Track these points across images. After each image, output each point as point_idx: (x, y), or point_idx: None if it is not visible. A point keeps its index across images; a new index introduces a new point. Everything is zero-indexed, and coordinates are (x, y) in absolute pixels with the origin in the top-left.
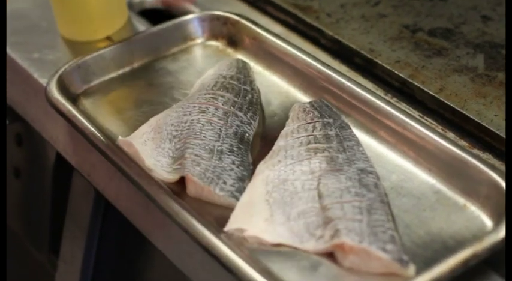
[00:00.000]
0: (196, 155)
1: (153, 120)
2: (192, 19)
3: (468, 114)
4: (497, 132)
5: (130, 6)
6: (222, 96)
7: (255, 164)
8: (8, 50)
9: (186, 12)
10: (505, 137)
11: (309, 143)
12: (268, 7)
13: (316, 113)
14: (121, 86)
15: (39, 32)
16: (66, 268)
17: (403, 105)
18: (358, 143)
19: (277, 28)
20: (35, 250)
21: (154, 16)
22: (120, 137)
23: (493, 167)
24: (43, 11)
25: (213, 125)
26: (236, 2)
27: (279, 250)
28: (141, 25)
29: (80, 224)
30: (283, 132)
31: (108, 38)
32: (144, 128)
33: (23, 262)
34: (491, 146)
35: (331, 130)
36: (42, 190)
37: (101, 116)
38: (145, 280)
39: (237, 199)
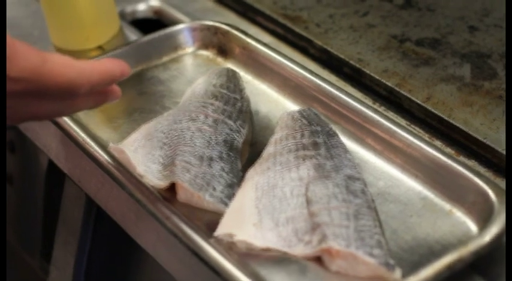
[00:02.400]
0: (187, 162)
1: (144, 128)
2: (182, 29)
3: (454, 123)
4: (483, 141)
5: (122, 15)
6: (212, 105)
7: (244, 171)
8: None
9: (177, 22)
10: (491, 145)
11: (298, 150)
12: (258, 17)
13: (304, 120)
14: None
15: (31, 40)
16: (58, 273)
17: (391, 114)
18: (345, 150)
19: (267, 38)
20: (27, 255)
21: (146, 26)
22: (111, 144)
23: (478, 174)
24: (35, 20)
25: (203, 132)
26: (226, 12)
27: (267, 255)
28: (133, 34)
29: (72, 230)
30: (272, 139)
31: (100, 47)
32: (135, 136)
33: (15, 267)
34: (477, 153)
35: (319, 138)
36: (34, 196)
37: (93, 123)
38: None
39: (227, 205)
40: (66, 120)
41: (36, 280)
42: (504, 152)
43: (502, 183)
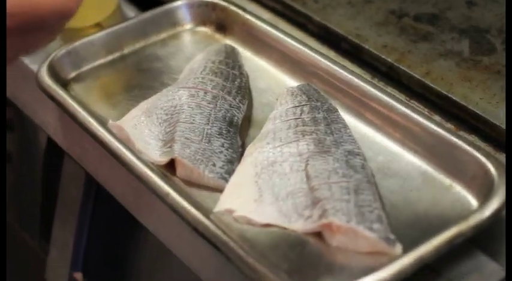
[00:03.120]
0: (186, 138)
1: (143, 105)
2: (180, 5)
3: (454, 98)
4: (483, 115)
5: None
6: (211, 81)
7: (244, 146)
8: None
9: None
10: (490, 119)
11: (297, 126)
12: None
13: (304, 96)
14: (111, 72)
15: None
16: (57, 252)
17: (390, 89)
18: (345, 125)
19: (265, 14)
20: (26, 235)
21: (143, 2)
22: (110, 121)
23: (478, 148)
24: None
25: (202, 108)
26: None
27: (267, 230)
28: (131, 11)
29: (71, 208)
30: (271, 115)
31: (98, 25)
32: (134, 112)
33: (14, 247)
34: (476, 128)
35: (318, 113)
36: (33, 174)
37: (92, 100)
38: (136, 263)
39: (227, 180)
40: (65, 97)
41: (35, 259)
42: (503, 127)
43: (502, 157)
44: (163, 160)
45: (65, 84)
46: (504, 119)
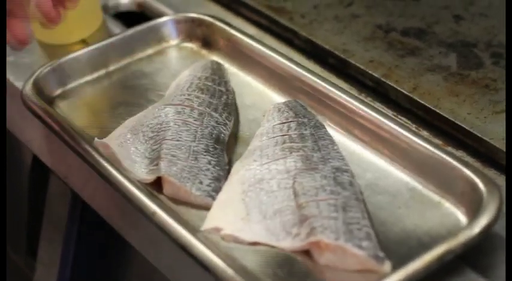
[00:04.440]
0: (173, 155)
1: (128, 122)
2: (166, 21)
3: (441, 113)
4: (471, 130)
5: (105, 8)
6: (197, 97)
7: (231, 164)
8: None
9: (161, 15)
10: (478, 134)
11: (284, 142)
12: (242, 9)
13: (291, 112)
14: (97, 89)
15: None
16: (43, 270)
17: (377, 105)
18: (332, 142)
19: (251, 30)
20: (12, 252)
21: (129, 18)
22: (96, 139)
23: (466, 164)
24: None
25: (188, 125)
26: (210, 3)
27: (255, 249)
28: (116, 28)
29: (57, 226)
30: (258, 132)
31: (83, 41)
32: (120, 130)
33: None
34: (464, 143)
35: (305, 129)
36: (18, 192)
37: (77, 118)
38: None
39: (214, 198)
40: (50, 115)
41: (21, 276)
42: (492, 142)
43: (490, 173)
44: (149, 177)
45: (50, 101)
46: (492, 134)
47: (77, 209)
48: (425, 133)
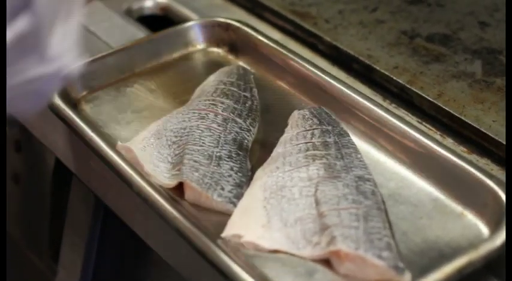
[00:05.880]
0: (195, 161)
1: (153, 126)
2: (193, 25)
3: (466, 120)
4: (496, 138)
5: (129, 12)
6: (221, 103)
7: (253, 170)
8: None
9: (185, 19)
10: (503, 142)
11: (308, 150)
12: (266, 13)
13: (315, 120)
14: (122, 92)
15: None
16: (65, 274)
17: (402, 111)
18: (356, 150)
19: (276, 34)
20: (34, 256)
21: (152, 22)
22: (119, 143)
23: (490, 176)
24: None
25: (212, 131)
26: (234, 8)
27: (275, 256)
28: (140, 31)
29: (80, 230)
30: (282, 139)
31: None
32: (144, 134)
33: (23, 268)
34: (489, 151)
35: (329, 137)
36: (41, 196)
37: (101, 121)
38: None
39: (235, 205)
40: (74, 117)
41: (43, 280)
42: None
43: None
44: (171, 183)
45: (75, 104)
46: None
47: (100, 213)
48: (450, 140)
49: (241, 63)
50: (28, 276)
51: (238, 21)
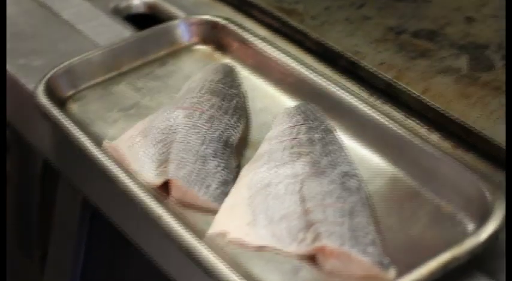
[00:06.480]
0: (181, 159)
1: (139, 124)
2: (179, 23)
3: (452, 115)
4: (480, 133)
5: (117, 11)
6: (207, 100)
7: (240, 167)
8: None
9: (172, 17)
10: (488, 137)
11: (293, 146)
12: (253, 10)
13: (301, 116)
14: (109, 90)
15: (25, 38)
16: (54, 274)
17: (388, 107)
18: (342, 146)
19: (262, 31)
20: (23, 256)
21: (140, 21)
22: (105, 141)
23: (474, 171)
24: (28, 18)
25: (198, 128)
26: (221, 6)
27: (261, 254)
28: (127, 30)
29: (68, 230)
30: (267, 136)
31: None
32: (131, 132)
33: (11, 269)
34: (475, 146)
35: (315, 134)
36: (30, 196)
37: (89, 119)
38: None
39: (221, 202)
40: (59, 116)
41: None
42: (502, 144)
43: (501, 175)
44: (158, 180)
45: (61, 103)
46: (503, 137)
47: (87, 212)
48: (435, 136)
49: (227, 60)
50: (16, 277)
51: (225, 18)
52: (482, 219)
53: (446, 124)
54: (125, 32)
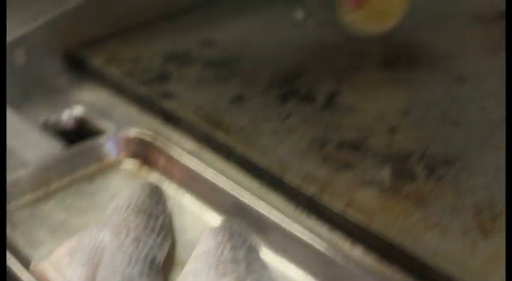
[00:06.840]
0: None
1: (66, 244)
2: (107, 139)
3: (374, 229)
4: (402, 247)
5: (46, 127)
6: (133, 220)
7: None
8: None
9: (102, 131)
10: (410, 251)
11: (218, 266)
12: (181, 123)
13: (225, 235)
14: (36, 210)
15: None
16: None
17: (313, 221)
18: (265, 266)
19: (190, 144)
20: None
21: (71, 134)
22: (33, 262)
23: None
24: None
25: (124, 249)
26: (150, 118)
27: None
28: (57, 146)
29: None
30: (193, 254)
31: None
32: (58, 253)
33: None
34: (399, 260)
35: (239, 252)
36: None
37: (16, 241)
38: None
39: None
40: None
41: None
42: (423, 258)
43: None
44: None
45: None
46: (424, 250)
47: None
48: (359, 250)
49: (155, 175)
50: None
51: (151, 133)
52: None
53: (369, 238)
54: (54, 148)
